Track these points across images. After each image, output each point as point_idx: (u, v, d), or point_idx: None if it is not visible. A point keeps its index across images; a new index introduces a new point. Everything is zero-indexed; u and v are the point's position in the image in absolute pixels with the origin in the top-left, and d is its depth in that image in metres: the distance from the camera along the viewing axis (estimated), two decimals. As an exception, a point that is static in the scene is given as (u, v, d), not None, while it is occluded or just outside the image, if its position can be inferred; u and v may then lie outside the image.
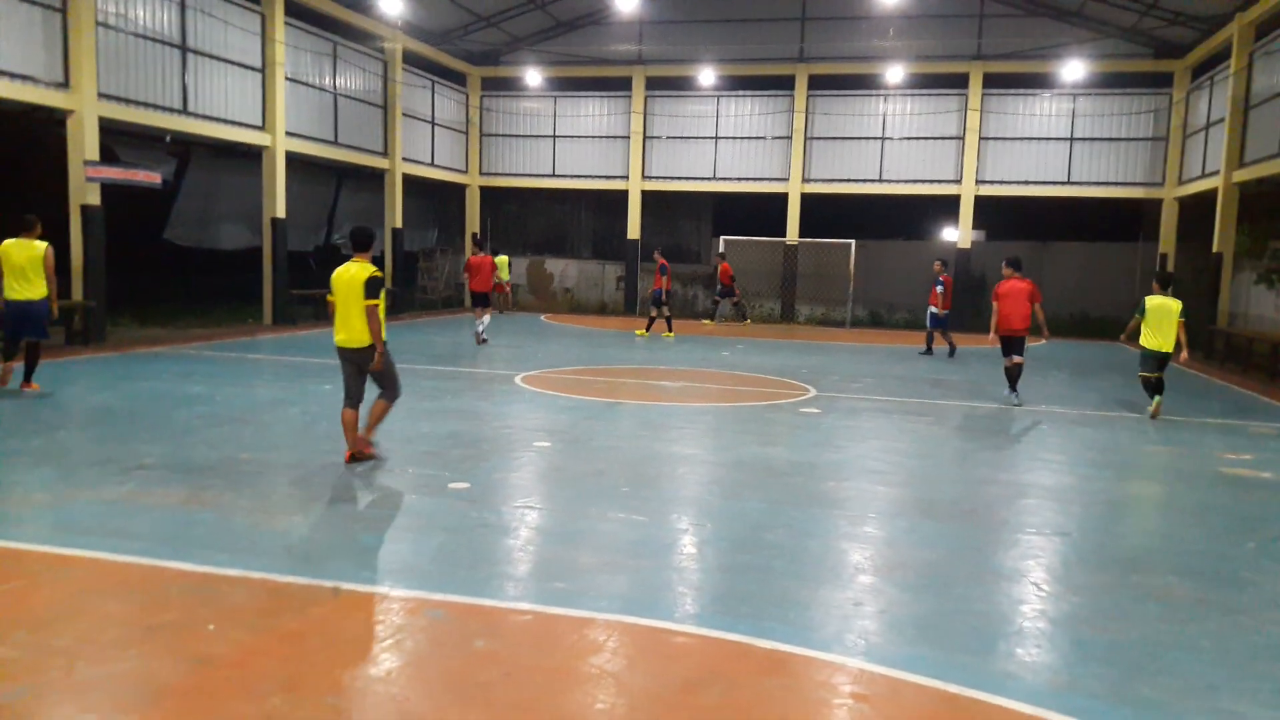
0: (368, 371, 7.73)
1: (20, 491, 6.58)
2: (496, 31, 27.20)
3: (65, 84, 15.03)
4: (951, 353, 18.54)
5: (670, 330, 21.09)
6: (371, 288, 7.42)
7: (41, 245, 10.53)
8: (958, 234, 26.51)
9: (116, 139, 17.58)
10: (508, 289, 27.35)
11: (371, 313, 7.45)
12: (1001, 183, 25.88)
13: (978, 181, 25.89)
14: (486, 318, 17.97)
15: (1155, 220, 25.05)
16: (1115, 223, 27.02)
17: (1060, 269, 26.43)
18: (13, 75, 14.17)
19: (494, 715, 3.67)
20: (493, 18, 26.30)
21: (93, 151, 15.44)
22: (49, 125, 15.90)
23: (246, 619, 4.51)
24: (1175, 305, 11.35)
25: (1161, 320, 11.28)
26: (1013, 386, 12.47)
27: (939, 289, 18.18)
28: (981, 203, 26.15)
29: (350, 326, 7.56)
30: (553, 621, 4.64)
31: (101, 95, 15.68)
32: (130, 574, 5.09)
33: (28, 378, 10.78)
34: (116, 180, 16.00)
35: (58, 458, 7.81)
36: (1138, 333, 11.57)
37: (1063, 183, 25.58)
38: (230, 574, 5.07)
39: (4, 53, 14.04)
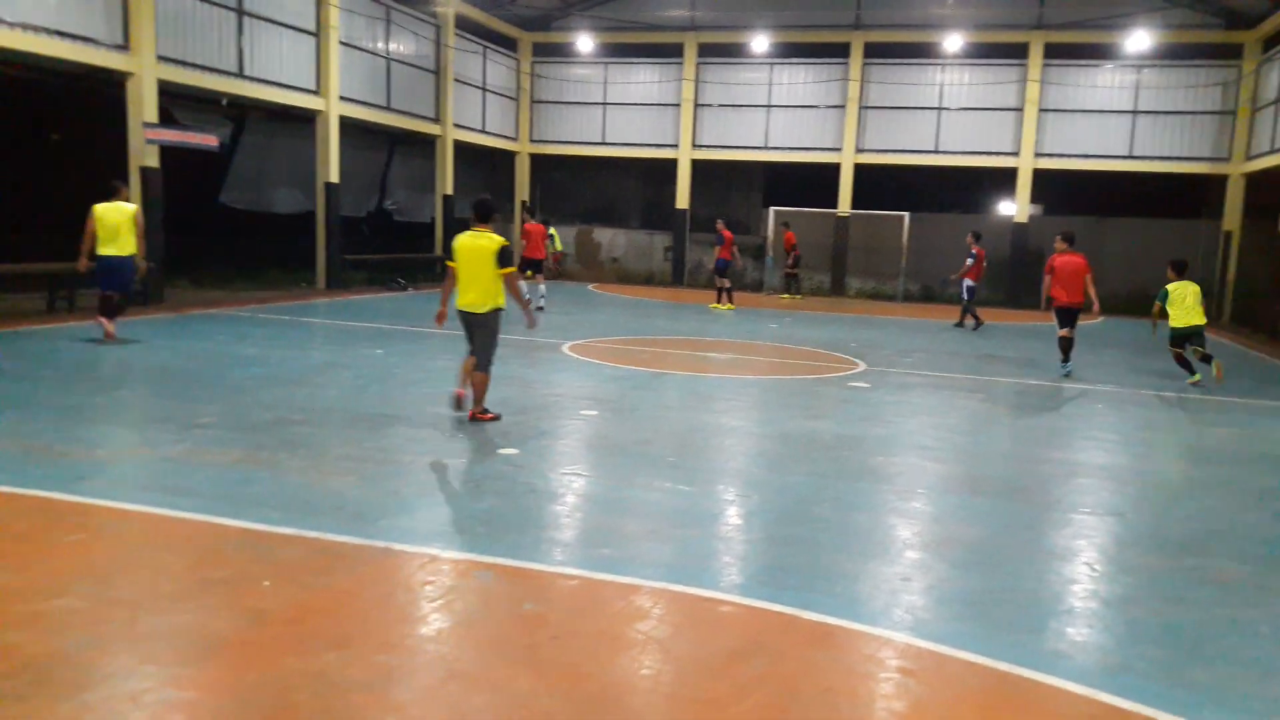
0: (482, 328, 8.01)
1: (84, 448, 6.76)
2: (549, -4, 27.05)
3: (125, 46, 15.24)
4: (976, 327, 18.46)
5: (730, 303, 20.82)
6: (504, 257, 7.77)
7: (132, 207, 11.57)
8: (1014, 208, 26.00)
9: (174, 102, 17.81)
10: (560, 258, 27.36)
11: (509, 280, 7.85)
12: (1060, 155, 25.27)
13: (1036, 154, 25.32)
14: (541, 286, 18.06)
15: (1220, 196, 24.32)
16: (1177, 199, 26.27)
17: (1119, 245, 25.78)
18: (74, 37, 14.39)
19: (542, 677, 3.72)
20: (545, -18, 26.15)
21: (151, 114, 15.68)
22: (109, 88, 16.16)
23: (300, 576, 4.60)
24: (1195, 287, 12.26)
25: (1186, 299, 12.14)
26: (1066, 358, 12.72)
27: (970, 261, 18.16)
28: (1039, 176, 25.58)
29: (475, 291, 7.83)
30: (599, 587, 4.67)
31: (160, 58, 15.88)
32: (188, 529, 5.21)
33: (107, 318, 11.56)
34: (174, 143, 16.24)
35: (119, 415, 8.01)
36: (1163, 316, 12.36)
37: (1124, 157, 24.91)
38: (284, 532, 5.17)
39: (66, 15, 14.26)
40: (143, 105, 15.47)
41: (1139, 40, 22.97)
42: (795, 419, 9.08)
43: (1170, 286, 12.31)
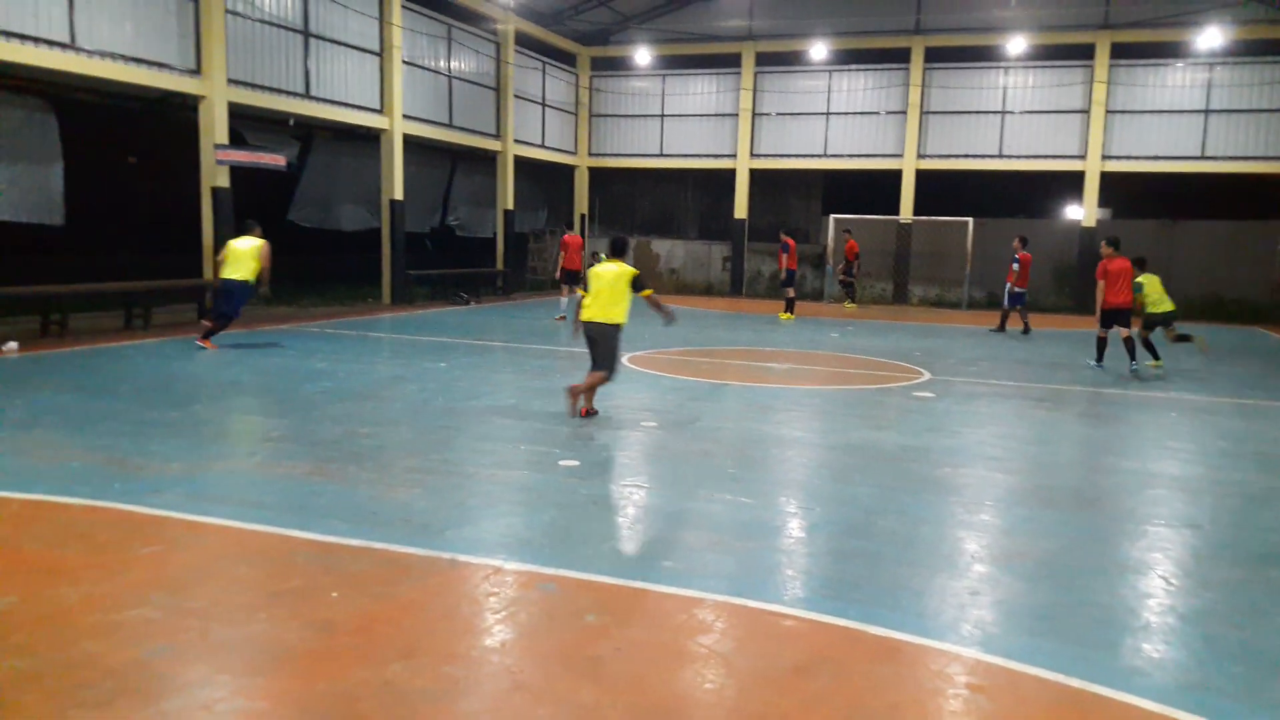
0: (607, 343, 9.07)
1: (160, 461, 6.96)
2: (607, 10, 27.27)
3: (197, 71, 15.73)
4: (1025, 331, 18.39)
5: (791, 313, 20.65)
6: (639, 282, 8.97)
7: (258, 241, 12.93)
8: (1082, 212, 25.44)
9: (243, 123, 18.32)
10: None
11: (651, 299, 9.10)
12: (1129, 158, 24.67)
13: (1104, 157, 24.76)
14: (563, 300, 18.58)
15: (1299, 197, 23.53)
16: (1253, 200, 25.42)
17: (1191, 249, 25.03)
18: (150, 63, 14.90)
19: (605, 690, 3.72)
20: (603, -4, 26.35)
21: (222, 135, 16.14)
22: (182, 111, 16.69)
23: (368, 587, 4.67)
24: (1158, 278, 13.85)
25: (1158, 288, 13.66)
26: (1133, 355, 13.28)
27: (1015, 266, 17.93)
28: (1107, 179, 24.99)
29: (602, 308, 8.95)
30: (662, 599, 4.67)
31: (230, 81, 16.36)
32: (260, 541, 5.33)
33: (206, 336, 12.89)
34: (244, 163, 16.70)
35: (192, 429, 8.22)
36: (1142, 307, 13.57)
37: (1196, 158, 24.23)
38: (352, 544, 5.26)
39: (143, 42, 14.78)
40: (214, 127, 15.95)
41: (1210, 38, 22.36)
42: (858, 429, 8.99)
43: (1142, 279, 13.51)
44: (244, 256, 12.75)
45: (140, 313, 14.88)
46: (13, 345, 11.98)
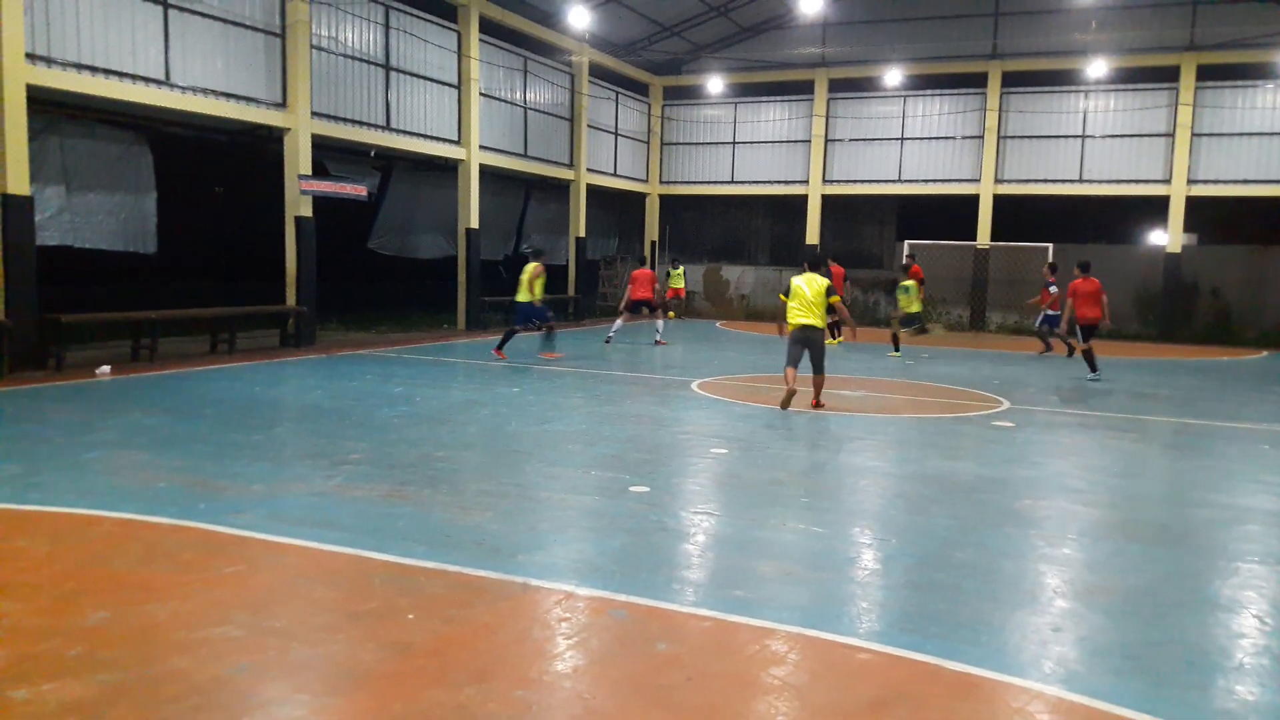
0: (816, 346, 10.89)
1: (242, 482, 7.15)
2: (679, 40, 27.50)
3: (283, 104, 16.27)
4: (1043, 351, 19.02)
5: (838, 337, 20.32)
6: (832, 291, 10.85)
7: (531, 266, 15.61)
8: (1166, 237, 24.72)
9: (326, 154, 18.87)
10: (676, 294, 27.53)
11: (839, 305, 11.03)
12: (1216, 182, 23.92)
13: (1189, 181, 24.05)
14: (659, 323, 19.23)
15: (1401, 220, 22.54)
16: (1351, 223, 24.47)
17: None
18: (239, 97, 15.47)
19: (677, 719, 3.70)
20: (676, 27, 26.61)
21: (306, 166, 16.65)
22: (268, 143, 17.27)
23: (442, 610, 4.73)
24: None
25: (1094, 294, 14.75)
26: (1095, 366, 14.78)
27: (1052, 290, 18.30)
28: (1194, 203, 24.26)
29: (810, 315, 10.79)
30: (734, 629, 4.63)
31: (314, 114, 16.89)
32: (338, 562, 5.44)
33: (547, 347, 16.21)
34: (327, 193, 17.20)
35: (274, 451, 8.45)
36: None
37: (1289, 181, 23.39)
38: (427, 566, 5.33)
39: (232, 78, 15.36)
40: (298, 158, 16.46)
41: (1303, 58, 21.62)
42: (934, 459, 8.82)
43: (1078, 283, 14.77)
44: (523, 283, 15.48)
45: (225, 337, 15.37)
46: (106, 369, 12.47)
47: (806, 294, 10.81)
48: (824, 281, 10.84)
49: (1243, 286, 24.44)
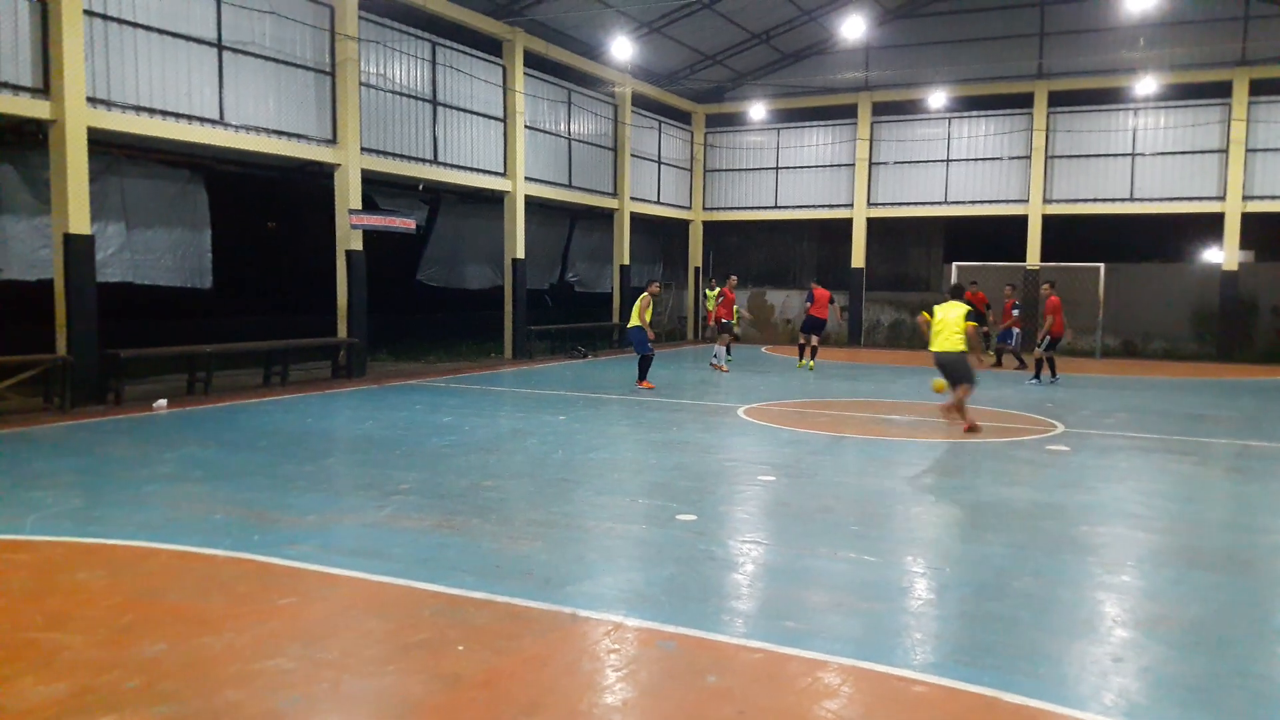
0: (956, 369, 11.36)
1: (296, 514, 7.25)
2: (721, 69, 27.64)
3: (333, 140, 16.61)
4: (995, 364, 20.49)
5: (811, 360, 19.96)
6: (970, 317, 11.37)
7: (647, 296, 16.00)
8: (1222, 255, 24.19)
9: (375, 188, 19.21)
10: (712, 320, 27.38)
11: (971, 332, 11.33)
12: (1273, 198, 23.39)
13: (1244, 197, 23.55)
14: (717, 348, 19.71)
15: None
16: None
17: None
18: (290, 135, 15.83)
19: (728, 753, 3.65)
20: (718, 55, 26.75)
21: (356, 201, 16.95)
22: (319, 178, 17.63)
23: (492, 641, 4.73)
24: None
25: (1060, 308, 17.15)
26: (1055, 373, 17.04)
27: (1017, 313, 20.61)
28: (1249, 220, 23.74)
29: (945, 341, 11.31)
30: (784, 661, 4.57)
31: (364, 149, 17.21)
32: (388, 593, 5.48)
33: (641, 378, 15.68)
34: (377, 227, 17.48)
35: (326, 482, 8.55)
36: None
37: (1350, 195, 22.80)
38: (477, 596, 5.34)
39: (284, 116, 15.73)
40: (348, 193, 16.77)
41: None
42: (988, 485, 8.68)
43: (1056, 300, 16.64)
44: (634, 310, 15.95)
45: (278, 369, 15.63)
46: (162, 402, 12.74)
47: (946, 320, 11.44)
48: (962, 308, 11.44)
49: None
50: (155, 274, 15.60)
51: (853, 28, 21.67)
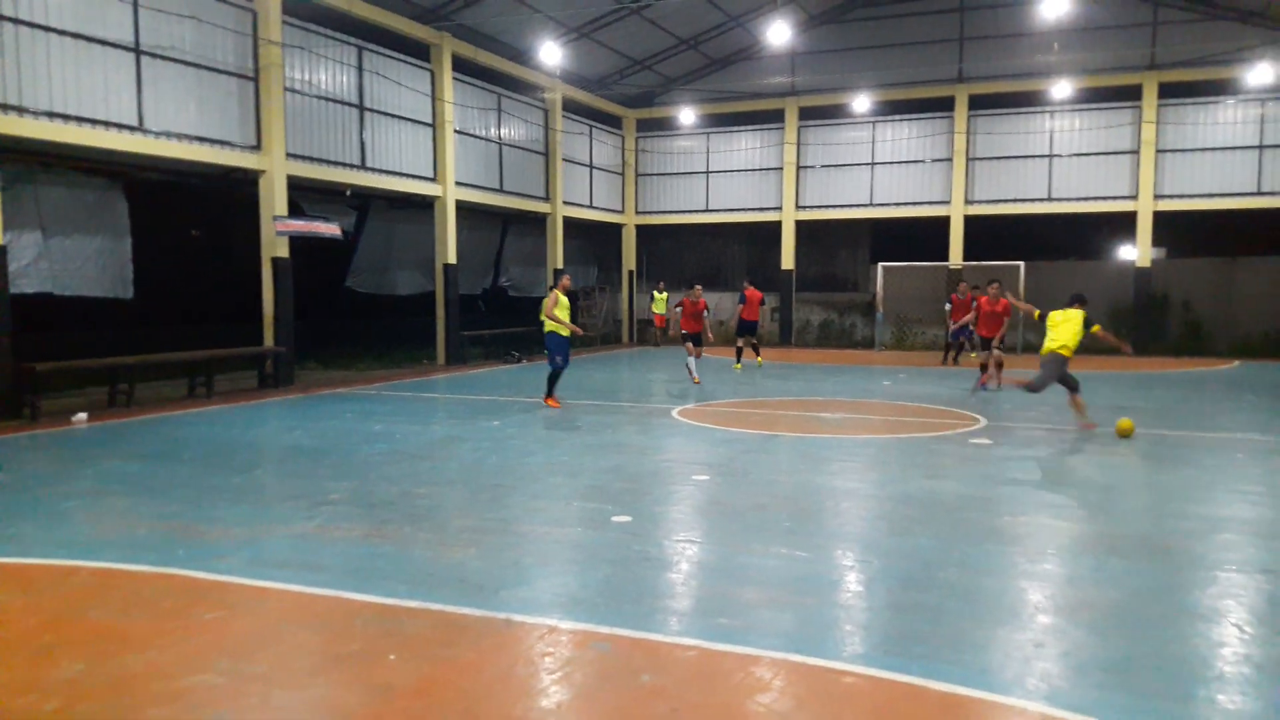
0: (1063, 371, 11.54)
1: (222, 527, 7.10)
2: (651, 74, 27.78)
3: (257, 146, 16.31)
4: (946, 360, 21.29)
5: (757, 357, 20.51)
6: (1089, 322, 11.55)
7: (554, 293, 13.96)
8: (1136, 252, 25.08)
9: (302, 194, 18.90)
10: (662, 322, 27.57)
11: (1101, 334, 11.60)
12: (1182, 196, 24.35)
13: (1156, 196, 24.46)
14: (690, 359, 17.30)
15: (1364, 229, 22.96)
16: (1316, 234, 24.92)
17: (1252, 285, 24.54)
18: (213, 141, 15.50)
19: (662, 751, 3.69)
20: (647, 61, 26.89)
21: (281, 207, 16.66)
22: (243, 185, 17.29)
23: (426, 649, 4.70)
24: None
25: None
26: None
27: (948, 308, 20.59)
28: (1161, 218, 24.66)
29: (1058, 341, 11.46)
30: (718, 658, 4.62)
31: (289, 155, 16.93)
32: (319, 605, 5.40)
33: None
34: (303, 233, 17.20)
35: (254, 494, 8.39)
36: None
37: (1252, 194, 23.84)
38: (410, 605, 5.30)
39: (206, 122, 15.40)
40: (274, 200, 16.47)
41: (1261, 74, 22.09)
42: (915, 479, 8.87)
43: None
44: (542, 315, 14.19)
45: (203, 380, 15.28)
46: (82, 416, 12.37)
47: (1061, 324, 11.66)
48: (1078, 316, 11.63)
49: (1213, 298, 24.82)
50: (75, 284, 15.13)
51: (778, 33, 21.95)
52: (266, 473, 9.62)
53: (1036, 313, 12.31)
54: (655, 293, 27.55)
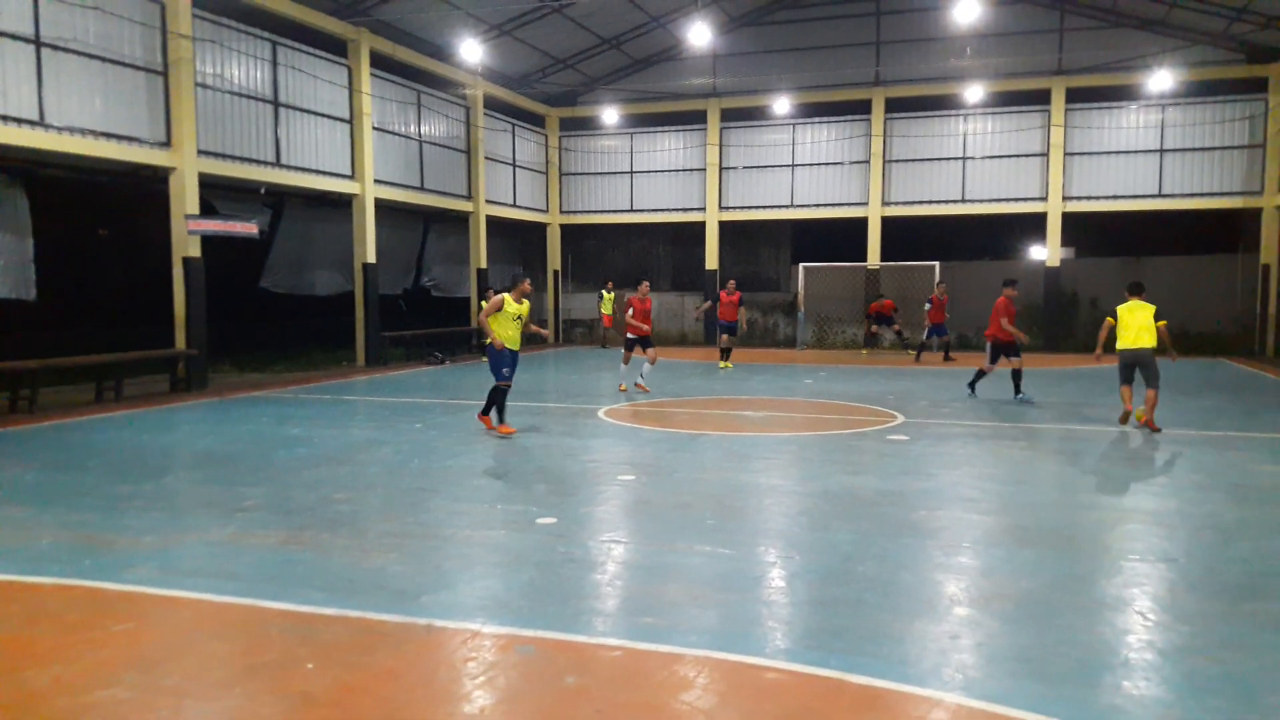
0: (1149, 366, 11.47)
1: (132, 535, 6.87)
2: (573, 73, 27.71)
3: (167, 143, 15.81)
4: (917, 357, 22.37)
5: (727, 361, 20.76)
6: (1159, 315, 11.57)
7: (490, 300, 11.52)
8: (1045, 252, 25.89)
9: (214, 193, 18.39)
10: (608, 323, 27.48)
11: (1162, 330, 11.54)
12: (1089, 198, 25.22)
13: (1065, 198, 25.29)
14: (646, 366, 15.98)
15: (1255, 230, 24.07)
16: (1212, 234, 26.05)
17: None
18: (119, 137, 14.97)
19: (586, 752, 3.68)
20: (570, 60, 26.81)
21: (193, 206, 16.17)
22: (152, 183, 16.74)
23: (344, 657, 4.61)
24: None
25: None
26: (971, 384, 15.21)
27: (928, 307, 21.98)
28: (1069, 219, 25.52)
29: (1138, 339, 11.49)
30: (642, 657, 4.63)
31: (201, 152, 16.44)
32: (234, 614, 5.26)
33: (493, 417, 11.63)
34: (215, 232, 16.72)
35: (165, 501, 8.13)
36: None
37: (1154, 195, 24.81)
38: (328, 613, 5.20)
39: (112, 117, 14.87)
40: (185, 198, 15.98)
41: (1161, 80, 23.01)
42: (835, 475, 9.02)
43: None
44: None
45: (111, 385, 14.76)
46: (-19, 423, 11.84)
47: (1137, 318, 11.61)
48: (1151, 307, 11.65)
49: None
50: (-29, 286, 14.49)
51: (699, 35, 22.08)
52: (178, 479, 9.33)
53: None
54: (604, 292, 27.38)
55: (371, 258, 20.94)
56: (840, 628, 5.01)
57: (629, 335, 16.14)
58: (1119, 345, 11.67)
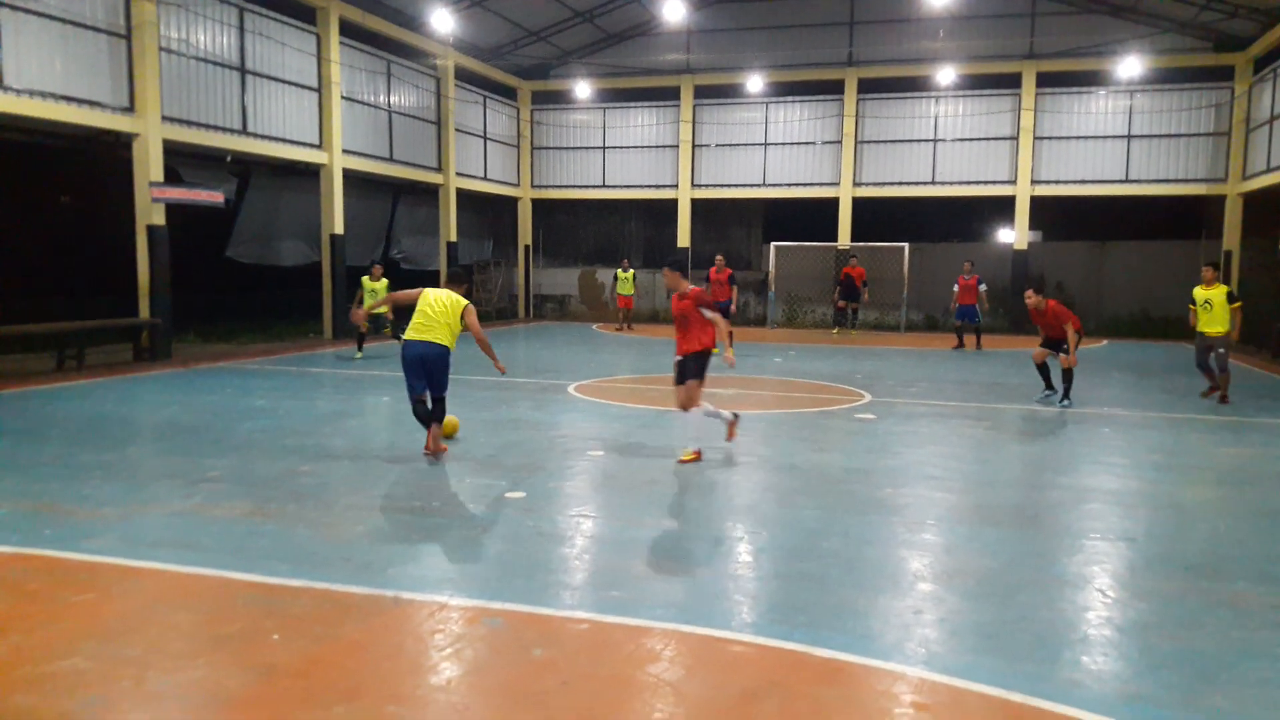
0: (1216, 350, 11.86)
1: (92, 506, 6.78)
2: (546, 46, 27.46)
3: (130, 108, 15.50)
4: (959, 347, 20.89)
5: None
6: (1233, 296, 11.84)
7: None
8: (1014, 235, 26.10)
9: (180, 160, 18.07)
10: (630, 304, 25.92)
11: (1235, 313, 11.81)
12: (1057, 182, 25.43)
13: (1033, 181, 25.48)
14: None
15: (1218, 217, 24.41)
16: (1176, 220, 26.41)
17: (1120, 268, 25.93)
18: (81, 101, 14.65)
19: (553, 724, 3.69)
20: (542, 32, 26.55)
21: (157, 173, 15.89)
22: (115, 149, 16.41)
23: (309, 629, 4.59)
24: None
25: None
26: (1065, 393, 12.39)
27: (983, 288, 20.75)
28: (1038, 203, 25.73)
29: (1216, 322, 11.81)
30: (609, 630, 4.65)
31: (165, 118, 16.14)
32: (197, 585, 5.22)
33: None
34: (180, 200, 16.45)
35: (128, 472, 8.03)
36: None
37: (1121, 181, 25.06)
38: (293, 584, 5.17)
39: (73, 80, 14.53)
40: (149, 165, 15.69)
41: (1130, 66, 23.20)
42: (802, 452, 9.07)
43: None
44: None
45: (73, 354, 14.52)
46: (-63, 391, 11.61)
47: (1215, 301, 11.94)
48: (1224, 288, 11.96)
49: (1084, 280, 26.11)
50: (-75, 251, 14.17)
51: (674, 10, 21.96)
52: (141, 450, 9.22)
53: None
54: (620, 271, 25.77)
55: (339, 229, 20.71)
56: (805, 602, 5.05)
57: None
58: (1200, 328, 12.17)
